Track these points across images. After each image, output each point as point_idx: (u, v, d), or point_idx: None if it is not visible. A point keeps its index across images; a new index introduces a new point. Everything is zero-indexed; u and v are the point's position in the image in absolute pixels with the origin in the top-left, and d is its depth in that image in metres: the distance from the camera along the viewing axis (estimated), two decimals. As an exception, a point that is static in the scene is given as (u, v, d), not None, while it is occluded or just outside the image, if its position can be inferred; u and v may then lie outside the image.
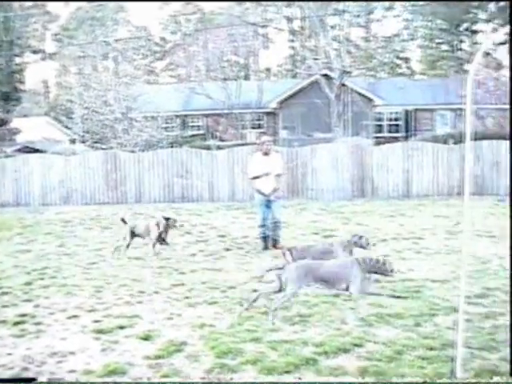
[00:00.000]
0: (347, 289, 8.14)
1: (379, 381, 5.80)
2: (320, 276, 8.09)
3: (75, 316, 8.28)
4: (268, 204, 13.36)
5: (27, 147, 34.48)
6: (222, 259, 12.22)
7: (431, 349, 6.50)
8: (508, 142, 23.31)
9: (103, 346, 7.00)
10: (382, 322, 7.54)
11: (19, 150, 32.30)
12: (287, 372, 6.03)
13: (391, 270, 8.38)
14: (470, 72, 5.19)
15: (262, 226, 13.42)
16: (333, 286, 8.27)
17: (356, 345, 6.72)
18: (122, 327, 7.63)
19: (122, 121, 33.91)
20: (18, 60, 52.01)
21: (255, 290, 9.30)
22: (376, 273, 8.39)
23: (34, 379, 3.99)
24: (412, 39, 67.41)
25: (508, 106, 37.35)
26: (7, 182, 25.46)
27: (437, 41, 64.67)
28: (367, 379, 5.79)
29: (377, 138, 39.10)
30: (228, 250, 13.31)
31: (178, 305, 8.71)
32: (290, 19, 58.42)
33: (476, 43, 54.31)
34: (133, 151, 26.22)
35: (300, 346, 6.73)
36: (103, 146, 31.70)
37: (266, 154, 13.51)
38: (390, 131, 43.29)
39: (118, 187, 24.69)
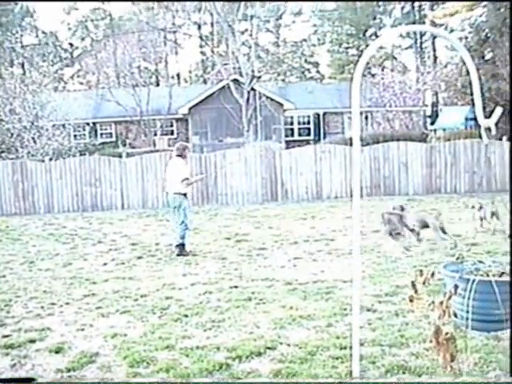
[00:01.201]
0: None
1: (378, 380, 5.90)
2: None
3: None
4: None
5: None
6: (134, 267, 12.13)
7: (343, 348, 6.61)
8: (415, 143, 24.01)
9: (13, 361, 6.85)
10: (294, 323, 7.63)
11: None
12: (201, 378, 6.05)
13: None
14: (356, 75, 5.36)
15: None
16: None
17: (269, 348, 6.79)
18: (32, 341, 7.49)
19: (30, 129, 33.31)
20: None
21: (168, 298, 9.31)
22: None
23: (33, 379, 3.93)
24: (321, 44, 68.52)
25: (412, 109, 38.49)
26: None
27: (345, 45, 65.99)
28: (279, 380, 5.86)
29: (288, 141, 39.63)
30: (140, 257, 13.22)
31: (90, 315, 8.61)
32: (199, 25, 58.49)
33: (382, 47, 55.43)
34: (42, 160, 25.73)
35: (213, 352, 6.75)
36: (11, 156, 31.04)
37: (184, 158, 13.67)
38: (300, 134, 43.91)
39: (27, 197, 24.20)
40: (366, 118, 41.37)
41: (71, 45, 70.59)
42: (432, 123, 43.48)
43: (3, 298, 9.94)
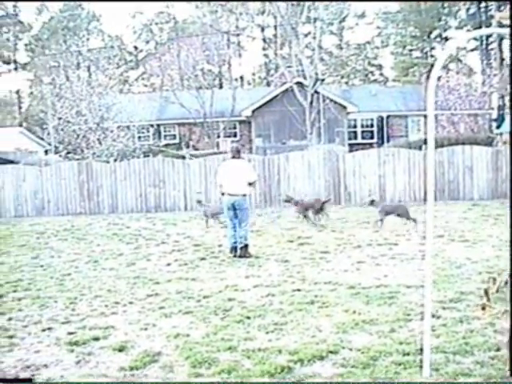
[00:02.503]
0: None
1: (378, 380, 5.82)
2: None
3: (49, 328, 8.21)
4: None
5: (0, 158, 34.20)
6: (196, 268, 12.17)
7: (407, 354, 6.50)
8: (481, 147, 23.57)
9: (78, 358, 6.94)
10: (356, 328, 7.54)
11: (-8, 162, 32.04)
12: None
13: None
14: (431, 79, 5.23)
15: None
16: None
17: (331, 352, 6.71)
18: (96, 338, 7.57)
19: (95, 131, 33.82)
20: (-11, 70, 51.71)
21: (230, 299, 9.30)
22: None
23: (30, 379, 3.98)
24: (385, 46, 67.96)
25: (477, 112, 37.79)
26: (-21, 194, 25.27)
27: (409, 48, 65.31)
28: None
29: (351, 144, 39.35)
30: (203, 259, 13.26)
31: (153, 315, 8.66)
32: (262, 27, 58.57)
33: (444, 49, 54.66)
34: (107, 161, 26.11)
35: (275, 354, 6.71)
36: (77, 157, 31.56)
37: None
38: (364, 138, 43.56)
39: (92, 197, 24.58)
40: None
41: (136, 48, 71.53)
42: (498, 127, 42.64)
43: (68, 295, 10.08)
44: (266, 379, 6.03)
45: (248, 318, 8.21)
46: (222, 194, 13.58)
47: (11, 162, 32.28)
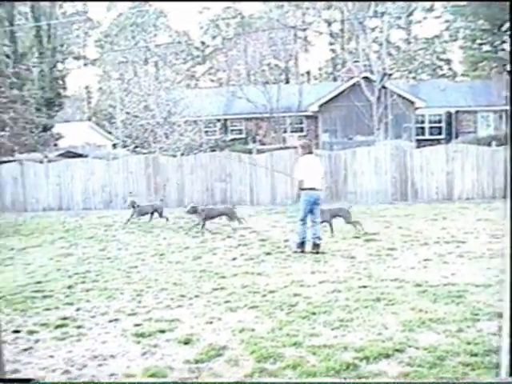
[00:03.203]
0: None
1: (379, 380, 5.73)
2: None
3: (116, 319, 8.31)
4: None
5: (70, 152, 34.84)
6: (262, 263, 12.17)
7: (474, 355, 6.37)
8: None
9: (143, 349, 7.00)
10: (423, 327, 7.42)
11: (62, 155, 32.65)
12: (328, 377, 5.95)
13: None
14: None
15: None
16: None
17: (397, 350, 6.62)
18: (162, 331, 7.63)
19: (163, 125, 34.12)
20: (60, 66, 52.63)
21: (296, 295, 9.26)
22: None
23: (31, 379, 4.01)
24: (453, 40, 66.81)
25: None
26: (50, 187, 25.79)
27: (478, 41, 64.00)
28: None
29: (418, 140, 38.81)
30: (269, 254, 13.25)
31: (219, 309, 8.69)
32: (329, 22, 58.28)
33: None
34: (174, 155, 26.33)
35: (340, 351, 6.65)
36: (144, 151, 31.91)
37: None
38: (431, 133, 42.90)
39: (158, 191, 24.82)
40: (501, 117, 40.09)
41: (203, 43, 71.89)
42: None
43: (135, 288, 10.20)
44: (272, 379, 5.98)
45: (313, 313, 8.16)
46: (302, 189, 13.39)
47: (80, 155, 32.87)
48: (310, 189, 13.27)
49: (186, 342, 7.17)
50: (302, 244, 13.31)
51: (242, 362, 6.44)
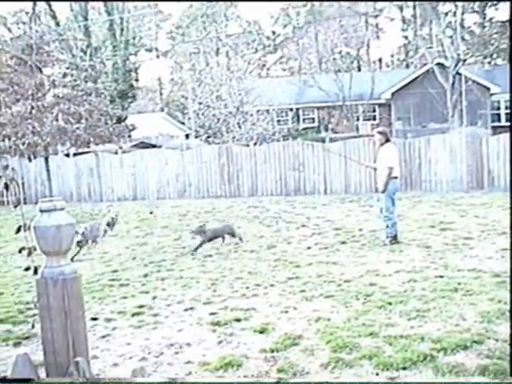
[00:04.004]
0: None
1: (384, 381, 5.60)
2: None
3: (191, 308, 8.37)
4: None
5: (143, 143, 35.32)
6: (337, 252, 12.10)
7: (556, 347, 6.19)
8: None
9: (219, 338, 7.03)
10: (502, 318, 7.25)
11: (136, 146, 33.11)
12: (404, 368, 5.87)
13: None
14: None
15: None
16: None
17: (476, 342, 6.49)
18: (237, 320, 7.64)
19: (235, 115, 34.29)
20: (133, 59, 53.36)
21: (371, 284, 9.18)
22: None
23: (31, 379, 4.07)
24: (530, 23, 64.98)
25: None
26: (125, 177, 26.22)
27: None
28: (486, 378, 5.55)
29: (494, 127, 38.04)
30: (343, 243, 13.17)
31: (294, 298, 8.67)
32: (401, 7, 57.51)
33: None
34: (247, 145, 26.43)
35: (417, 342, 6.55)
36: (217, 140, 32.12)
37: (380, 145, 13.26)
38: (508, 120, 41.96)
39: (232, 180, 24.95)
40: None
41: (273, 32, 71.83)
42: None
43: (210, 276, 10.26)
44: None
45: (389, 303, 8.06)
46: (395, 177, 13.04)
47: (154, 146, 33.27)
48: (396, 177, 13.04)
49: (262, 331, 7.16)
50: (395, 236, 13.07)
51: (318, 352, 6.40)
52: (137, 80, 52.90)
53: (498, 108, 42.53)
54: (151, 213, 20.56)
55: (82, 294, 4.78)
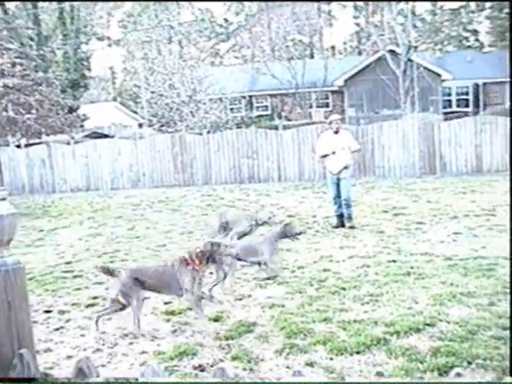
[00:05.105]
0: None
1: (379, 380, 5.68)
2: None
3: (146, 298, 8.32)
4: (338, 182, 13.26)
5: (96, 133, 34.98)
6: (291, 239, 12.14)
7: (506, 328, 6.29)
8: None
9: (174, 327, 7.02)
10: (454, 300, 7.35)
11: (88, 136, 32.78)
12: (358, 352, 5.93)
13: None
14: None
15: (334, 203, 13.34)
16: None
17: (428, 324, 6.58)
18: (191, 308, 7.63)
19: (188, 103, 34.13)
20: (84, 48, 52.70)
21: (325, 270, 9.24)
22: None
23: (34, 379, 4.02)
24: (480, 10, 65.83)
25: None
26: (78, 168, 25.96)
27: (506, 11, 62.90)
28: (440, 359, 5.63)
29: (446, 113, 38.43)
30: (297, 229, 13.23)
31: (248, 285, 8.69)
32: (353, -5, 57.71)
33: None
34: (200, 133, 26.34)
35: (371, 326, 6.62)
36: (170, 129, 31.97)
37: (335, 132, 13.40)
38: (459, 106, 42.49)
39: (185, 169, 24.87)
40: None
41: (226, 20, 71.54)
42: None
43: (165, 266, 10.22)
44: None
45: (343, 289, 8.13)
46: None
47: (107, 136, 32.98)
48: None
49: (216, 319, 7.17)
50: (337, 217, 13.46)
51: (272, 338, 6.44)
52: (89, 69, 52.25)
53: (450, 94, 42.95)
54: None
55: (26, 286, 4.72)
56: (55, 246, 13.17)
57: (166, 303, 7.97)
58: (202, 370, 5.70)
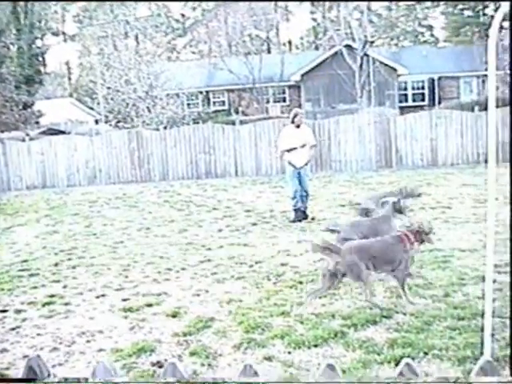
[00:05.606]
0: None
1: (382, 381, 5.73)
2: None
3: (103, 295, 8.28)
4: (298, 176, 13.34)
5: (51, 129, 34.57)
6: (248, 234, 12.17)
7: (461, 319, 6.39)
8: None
9: (131, 324, 6.99)
10: (410, 292, 7.43)
11: (44, 133, 32.39)
12: (315, 346, 5.97)
13: None
14: (491, 37, 5.01)
15: (294, 198, 13.39)
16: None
17: (385, 316, 6.64)
18: (149, 305, 7.62)
19: (144, 99, 33.93)
20: (39, 43, 52.13)
21: (283, 264, 9.26)
22: None
23: (35, 379, 3.98)
24: (435, 6, 66.41)
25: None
26: (33, 165, 25.61)
27: (460, 7, 63.65)
28: (396, 351, 5.69)
29: (402, 107, 38.81)
30: (254, 224, 13.25)
31: (206, 281, 8.68)
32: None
33: (500, 7, 53.34)
34: (157, 129, 26.22)
35: (328, 319, 6.66)
36: (127, 125, 31.76)
37: (297, 126, 13.47)
38: (414, 100, 42.93)
39: (142, 165, 24.73)
40: (483, 82, 40.06)
41: (183, 15, 71.28)
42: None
43: (121, 263, 10.17)
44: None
45: (300, 282, 8.17)
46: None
47: (63, 132, 32.65)
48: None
49: (174, 315, 7.16)
50: (295, 211, 13.55)
51: (230, 333, 6.45)
52: (44, 65, 51.80)
53: (405, 89, 43.36)
54: None
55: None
56: (11, 244, 12.98)
57: (123, 300, 7.93)
58: (161, 367, 5.68)
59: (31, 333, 6.96)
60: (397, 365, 5.31)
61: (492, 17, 52.07)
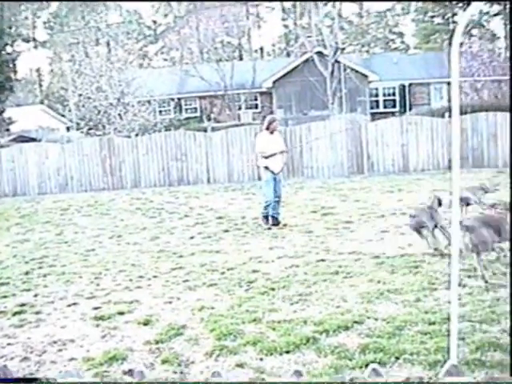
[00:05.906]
0: None
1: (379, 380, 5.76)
2: None
3: (74, 303, 8.25)
4: (275, 182, 13.39)
5: (22, 136, 34.37)
6: (220, 241, 12.17)
7: (432, 323, 6.45)
8: (505, 113, 23.11)
9: (103, 332, 6.97)
10: (381, 298, 7.49)
11: (14, 140, 32.19)
12: (287, 352, 5.99)
13: None
14: (454, 44, 5.07)
15: (269, 204, 13.39)
16: None
17: (356, 322, 6.68)
18: (121, 313, 7.60)
19: (116, 106, 33.85)
20: (9, 49, 51.71)
21: (255, 271, 9.29)
22: None
23: (36, 379, 3.96)
24: (405, 13, 67.05)
25: (504, 78, 37.24)
26: (4, 172, 25.38)
27: (430, 14, 64.30)
28: (368, 356, 5.73)
29: (373, 113, 39.04)
30: (226, 231, 13.26)
31: (178, 288, 8.67)
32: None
33: (463, 17, 53.86)
34: (128, 136, 26.14)
35: (300, 325, 6.68)
36: (98, 132, 31.64)
37: (271, 132, 13.52)
38: (386, 106, 43.20)
39: (114, 173, 24.63)
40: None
41: (154, 22, 71.22)
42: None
43: (93, 271, 10.13)
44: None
45: (272, 289, 8.19)
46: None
47: (34, 139, 32.43)
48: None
49: (146, 323, 7.15)
50: (266, 218, 13.61)
51: (202, 341, 6.46)
52: (14, 71, 51.29)
53: (377, 95, 43.62)
54: None
55: None
56: (-20, 253, 12.89)
57: (95, 308, 7.91)
58: (132, 375, 5.67)
59: (1, 342, 6.90)
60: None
61: (466, 26, 52.38)
